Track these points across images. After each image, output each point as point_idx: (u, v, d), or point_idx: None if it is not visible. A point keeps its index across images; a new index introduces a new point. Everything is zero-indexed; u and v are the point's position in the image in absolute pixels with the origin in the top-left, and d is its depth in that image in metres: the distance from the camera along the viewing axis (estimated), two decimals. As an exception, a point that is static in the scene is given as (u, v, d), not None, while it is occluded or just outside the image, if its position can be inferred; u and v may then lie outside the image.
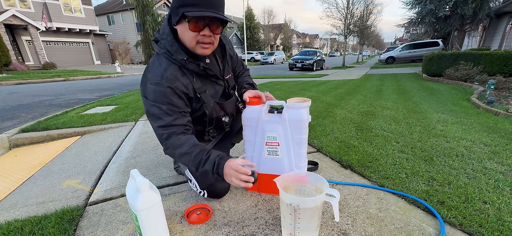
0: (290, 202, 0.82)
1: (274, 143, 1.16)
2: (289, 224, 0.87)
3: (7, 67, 12.37)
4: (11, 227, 1.05)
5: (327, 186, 0.85)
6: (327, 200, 0.85)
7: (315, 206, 0.83)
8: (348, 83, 6.70)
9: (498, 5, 10.67)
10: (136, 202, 0.82)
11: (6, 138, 2.32)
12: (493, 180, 1.34)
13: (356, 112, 3.04)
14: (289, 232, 0.89)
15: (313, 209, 0.83)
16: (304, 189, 0.98)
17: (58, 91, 6.53)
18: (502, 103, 3.26)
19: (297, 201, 0.81)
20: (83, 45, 21.14)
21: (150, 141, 2.16)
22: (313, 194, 0.94)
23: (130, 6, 21.65)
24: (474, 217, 1.05)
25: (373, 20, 21.48)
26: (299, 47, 57.61)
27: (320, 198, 0.83)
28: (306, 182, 0.97)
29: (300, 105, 1.09)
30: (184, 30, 0.97)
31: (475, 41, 14.35)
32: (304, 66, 13.36)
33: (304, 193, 0.98)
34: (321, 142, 2.01)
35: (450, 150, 1.77)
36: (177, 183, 1.41)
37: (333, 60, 30.64)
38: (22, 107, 4.35)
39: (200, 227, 1.04)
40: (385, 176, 1.41)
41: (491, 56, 5.70)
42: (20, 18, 14.36)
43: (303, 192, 0.98)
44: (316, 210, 0.84)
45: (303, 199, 0.82)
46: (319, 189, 0.91)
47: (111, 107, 3.68)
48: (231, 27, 36.47)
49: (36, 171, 1.73)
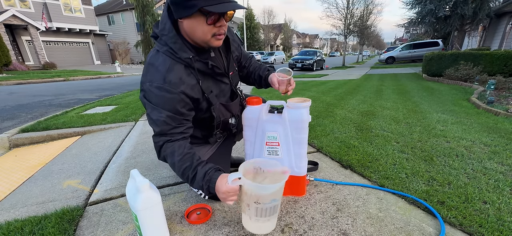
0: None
1: (274, 143, 1.16)
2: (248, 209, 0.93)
3: (7, 67, 12.37)
4: (11, 227, 1.05)
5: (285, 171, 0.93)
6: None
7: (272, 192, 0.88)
8: (348, 83, 6.70)
9: (498, 5, 10.66)
10: (136, 202, 0.82)
11: (6, 138, 2.32)
12: (493, 180, 1.34)
13: (356, 112, 3.04)
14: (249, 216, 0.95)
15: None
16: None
17: (58, 91, 6.53)
18: (502, 103, 3.25)
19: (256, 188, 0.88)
20: (83, 45, 21.13)
21: (150, 141, 2.16)
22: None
23: (130, 6, 21.64)
24: (474, 217, 1.05)
25: (373, 20, 21.48)
26: (299, 47, 57.59)
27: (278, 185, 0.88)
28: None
29: (300, 105, 1.09)
30: (198, 24, 0.88)
31: (475, 41, 14.35)
32: (304, 66, 13.36)
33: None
34: (321, 142, 2.01)
35: (450, 150, 1.77)
36: (177, 183, 1.41)
37: (333, 60, 30.64)
38: (22, 107, 4.35)
39: (200, 227, 1.04)
40: (385, 176, 1.41)
41: (491, 56, 5.70)
42: (20, 18, 14.35)
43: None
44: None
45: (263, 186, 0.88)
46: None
47: (111, 107, 3.68)
48: (231, 27, 36.44)
49: (36, 171, 1.73)
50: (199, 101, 1.02)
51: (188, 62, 0.95)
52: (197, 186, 0.96)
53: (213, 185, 0.91)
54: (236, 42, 1.24)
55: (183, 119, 0.99)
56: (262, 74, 1.30)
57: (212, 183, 0.92)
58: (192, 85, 0.97)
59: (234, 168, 1.58)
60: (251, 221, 0.95)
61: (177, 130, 0.97)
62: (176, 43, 0.92)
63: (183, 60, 0.94)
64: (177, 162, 0.95)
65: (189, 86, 0.96)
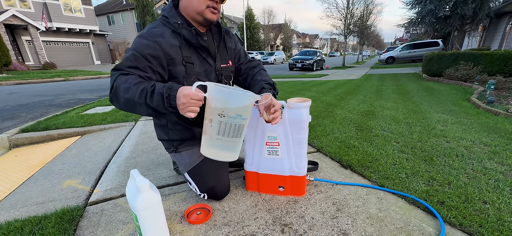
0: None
1: (274, 143, 1.16)
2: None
3: (7, 67, 12.37)
4: (11, 227, 1.05)
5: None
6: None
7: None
8: (348, 83, 6.70)
9: (498, 5, 10.65)
10: (136, 202, 0.82)
11: (6, 138, 2.32)
12: (493, 180, 1.34)
13: (356, 112, 3.04)
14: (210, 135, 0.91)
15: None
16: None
17: (58, 91, 6.53)
18: (502, 103, 3.25)
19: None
20: (83, 45, 21.13)
21: (150, 141, 2.16)
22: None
23: (130, 6, 21.67)
24: (474, 217, 1.05)
25: (373, 20, 21.46)
26: (299, 47, 57.58)
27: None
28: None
29: (300, 105, 1.09)
30: None
31: (475, 41, 14.34)
32: (304, 66, 13.36)
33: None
34: (321, 142, 2.01)
35: (450, 150, 1.77)
36: (177, 183, 1.41)
37: (333, 60, 30.64)
38: (22, 107, 4.35)
39: (200, 227, 1.04)
40: (385, 176, 1.41)
41: (491, 56, 5.70)
42: (20, 18, 14.35)
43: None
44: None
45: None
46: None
47: (111, 107, 3.68)
48: (231, 27, 36.47)
49: (36, 171, 1.72)
50: (175, 62, 1.04)
51: (175, 27, 1.04)
52: (156, 98, 0.85)
53: (175, 91, 0.84)
54: (234, 39, 1.30)
55: (148, 66, 0.97)
56: (259, 89, 1.18)
57: (173, 90, 0.85)
58: (172, 44, 1.03)
59: (234, 168, 1.58)
60: (211, 142, 0.90)
61: (137, 71, 0.95)
62: (170, 12, 1.06)
63: (171, 25, 1.04)
64: (133, 85, 0.88)
65: (168, 43, 1.02)
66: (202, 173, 1.17)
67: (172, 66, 1.04)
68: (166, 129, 1.18)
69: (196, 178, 1.18)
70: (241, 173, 1.52)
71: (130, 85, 0.88)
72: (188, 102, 0.82)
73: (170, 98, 0.85)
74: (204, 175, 1.17)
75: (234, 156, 0.96)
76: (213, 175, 1.17)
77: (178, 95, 0.83)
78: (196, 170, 1.18)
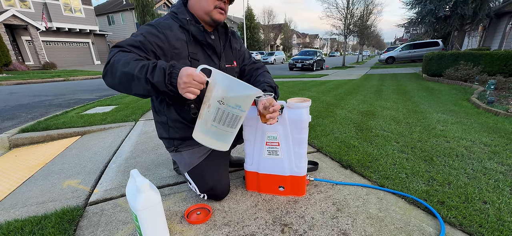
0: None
1: (274, 143, 1.16)
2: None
3: (7, 67, 12.36)
4: (11, 227, 1.05)
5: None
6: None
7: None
8: (348, 83, 6.70)
9: (498, 5, 10.65)
10: (136, 202, 0.82)
11: (6, 138, 2.32)
12: (493, 180, 1.34)
13: (356, 112, 3.04)
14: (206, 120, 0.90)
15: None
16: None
17: (58, 91, 6.52)
18: (502, 103, 3.25)
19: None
20: (83, 45, 21.13)
21: (150, 141, 2.16)
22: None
23: (130, 6, 21.67)
24: (474, 217, 1.05)
25: (373, 20, 21.46)
26: (299, 47, 57.58)
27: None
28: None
29: (300, 105, 1.09)
30: None
31: (475, 41, 14.34)
32: (304, 66, 13.36)
33: None
34: (321, 142, 2.01)
35: (450, 150, 1.77)
36: (177, 183, 1.41)
37: (333, 60, 30.63)
38: (22, 107, 4.35)
39: (200, 227, 1.04)
40: (385, 176, 1.41)
41: (491, 56, 5.70)
42: (20, 18, 14.35)
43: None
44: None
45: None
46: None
47: (111, 107, 3.68)
48: (231, 27, 36.48)
49: (36, 171, 1.73)
50: (180, 55, 1.04)
51: (184, 23, 1.06)
52: (158, 73, 0.82)
53: (178, 69, 0.82)
54: (239, 40, 1.34)
55: (152, 51, 0.96)
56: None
57: (176, 68, 0.83)
58: (179, 38, 1.04)
59: (234, 168, 1.58)
60: (206, 127, 0.89)
61: (139, 51, 0.92)
62: (179, 9, 1.09)
63: (180, 20, 1.07)
64: (134, 60, 0.85)
65: (175, 36, 1.03)
66: (202, 173, 1.17)
67: (177, 59, 1.03)
68: (166, 127, 1.18)
69: (196, 178, 1.18)
70: (241, 173, 1.52)
71: (130, 60, 0.85)
72: (190, 83, 0.80)
73: (172, 75, 0.82)
74: (204, 176, 1.17)
75: (225, 146, 0.95)
76: (213, 175, 1.17)
77: (180, 74, 0.81)
78: (196, 170, 1.18)
